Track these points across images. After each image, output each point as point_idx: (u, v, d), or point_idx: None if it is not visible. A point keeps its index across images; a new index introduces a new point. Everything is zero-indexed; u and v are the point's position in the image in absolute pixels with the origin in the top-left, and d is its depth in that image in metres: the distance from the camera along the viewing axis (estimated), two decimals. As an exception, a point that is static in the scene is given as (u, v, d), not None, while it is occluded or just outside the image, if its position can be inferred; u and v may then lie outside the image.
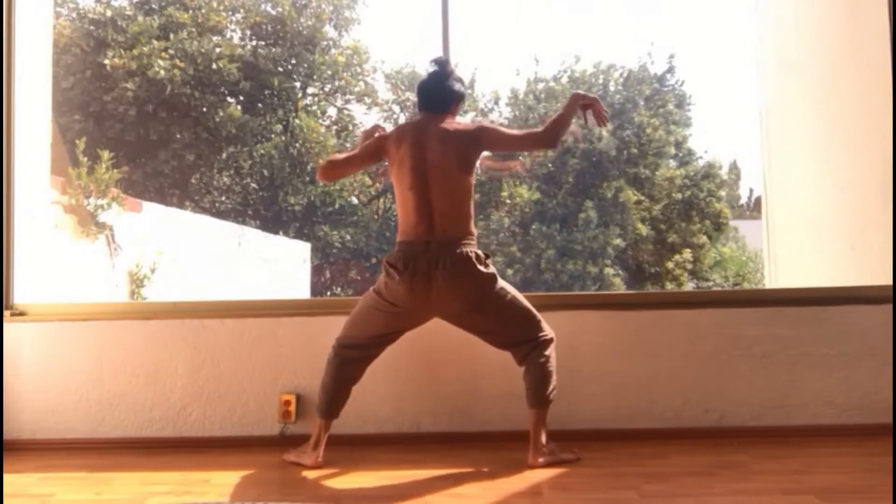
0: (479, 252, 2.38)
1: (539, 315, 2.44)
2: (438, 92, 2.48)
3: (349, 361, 2.44)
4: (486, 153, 2.57)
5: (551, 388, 2.39)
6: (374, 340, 2.44)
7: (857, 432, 2.65)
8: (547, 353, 2.41)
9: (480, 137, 2.42)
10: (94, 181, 6.52)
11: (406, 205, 2.38)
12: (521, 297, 2.44)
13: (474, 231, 2.42)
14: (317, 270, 11.95)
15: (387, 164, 2.49)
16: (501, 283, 2.42)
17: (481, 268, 2.35)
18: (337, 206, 11.97)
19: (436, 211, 2.35)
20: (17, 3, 2.92)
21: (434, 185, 2.35)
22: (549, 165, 12.71)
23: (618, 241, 12.47)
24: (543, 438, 2.38)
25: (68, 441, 2.74)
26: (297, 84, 12.36)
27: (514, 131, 2.51)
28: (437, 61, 2.53)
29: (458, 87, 2.50)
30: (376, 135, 2.54)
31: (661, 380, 2.75)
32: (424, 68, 2.59)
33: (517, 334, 2.42)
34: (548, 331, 2.44)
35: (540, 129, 2.44)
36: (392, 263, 2.36)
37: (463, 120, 2.67)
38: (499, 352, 2.47)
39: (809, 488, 2.07)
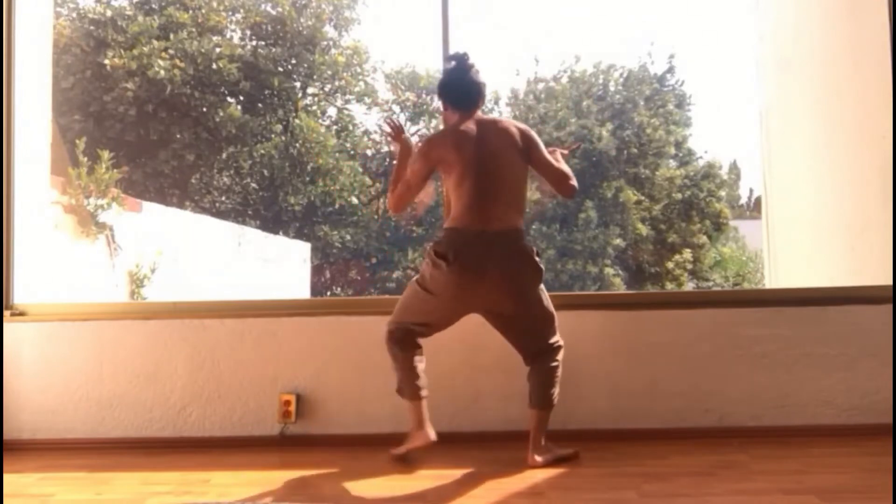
0: (533, 246, 2.39)
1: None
2: (471, 87, 2.44)
3: (405, 337, 2.40)
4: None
5: (555, 392, 2.39)
6: (420, 327, 2.41)
7: (857, 432, 2.65)
8: (558, 358, 2.41)
9: (531, 142, 2.39)
10: (94, 181, 6.53)
11: (462, 196, 2.32)
12: (548, 297, 2.44)
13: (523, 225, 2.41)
14: (317, 270, 11.96)
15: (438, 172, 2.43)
16: None
17: (538, 261, 2.36)
18: (337, 206, 11.97)
19: (498, 201, 2.31)
20: (17, 3, 2.92)
21: (499, 180, 2.32)
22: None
23: (618, 241, 12.47)
24: (543, 439, 2.38)
25: (68, 441, 2.74)
26: (297, 84, 12.36)
27: (552, 160, 2.42)
28: (455, 57, 2.48)
29: (482, 78, 2.47)
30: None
31: (661, 380, 2.75)
32: (441, 67, 2.54)
33: (539, 336, 2.40)
34: (559, 338, 2.44)
35: (571, 178, 2.41)
36: (441, 254, 2.29)
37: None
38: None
39: (809, 488, 2.07)
